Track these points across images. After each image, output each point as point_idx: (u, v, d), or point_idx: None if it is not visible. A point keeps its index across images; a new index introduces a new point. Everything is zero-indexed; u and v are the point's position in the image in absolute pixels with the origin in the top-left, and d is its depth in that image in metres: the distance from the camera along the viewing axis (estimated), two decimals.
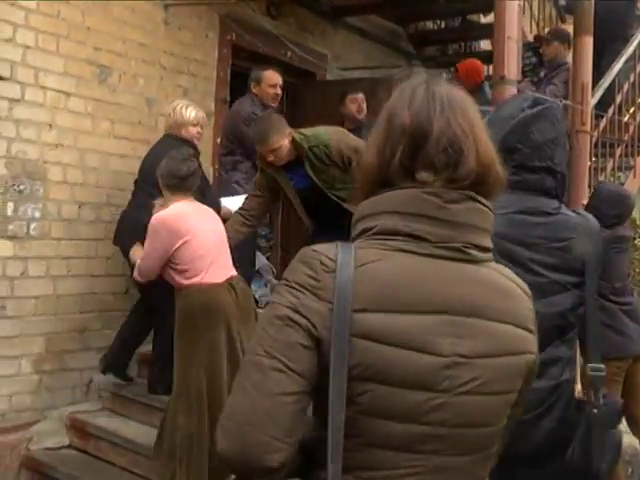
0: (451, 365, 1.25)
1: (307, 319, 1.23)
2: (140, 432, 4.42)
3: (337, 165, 4.21)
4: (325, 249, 1.30)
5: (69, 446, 4.60)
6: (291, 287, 1.26)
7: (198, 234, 3.72)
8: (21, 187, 4.53)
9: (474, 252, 1.30)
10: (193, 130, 4.63)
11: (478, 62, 6.06)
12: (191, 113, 4.61)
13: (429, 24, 7.95)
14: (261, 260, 6.35)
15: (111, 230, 4.87)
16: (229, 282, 3.78)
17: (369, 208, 1.35)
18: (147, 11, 5.21)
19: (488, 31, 7.47)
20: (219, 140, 5.57)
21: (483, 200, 1.31)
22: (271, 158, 4.17)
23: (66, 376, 4.77)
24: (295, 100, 6.59)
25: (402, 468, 1.26)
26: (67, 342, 4.78)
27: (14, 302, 4.51)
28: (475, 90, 5.97)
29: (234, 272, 3.87)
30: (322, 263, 1.27)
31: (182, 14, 5.48)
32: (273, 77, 5.38)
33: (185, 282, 3.69)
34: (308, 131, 4.26)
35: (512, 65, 4.43)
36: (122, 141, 5.09)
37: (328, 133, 4.27)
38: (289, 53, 6.41)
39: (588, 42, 5.46)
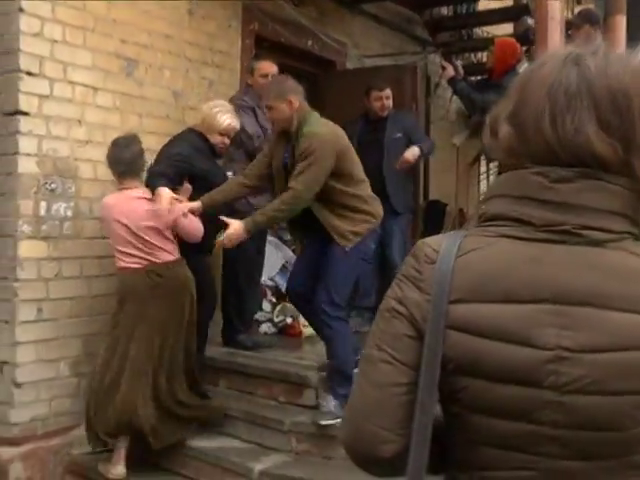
0: (555, 359, 1.14)
1: (409, 311, 1.21)
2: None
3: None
4: (433, 240, 1.28)
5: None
6: (399, 279, 1.27)
7: (106, 223, 4.32)
8: (53, 185, 4.40)
9: (592, 233, 1.17)
10: (218, 138, 4.57)
11: (515, 42, 5.91)
12: (224, 121, 4.54)
13: (444, 10, 7.82)
14: (286, 253, 6.25)
15: None
16: (148, 268, 4.18)
17: (486, 192, 1.31)
18: (172, 1, 5.08)
19: (502, 16, 7.45)
20: None
21: (609, 177, 1.17)
22: (269, 115, 4.26)
23: None
24: (316, 90, 6.47)
25: (517, 469, 1.18)
26: (101, 344, 4.66)
27: (50, 304, 4.39)
28: (507, 72, 5.87)
29: (158, 259, 4.21)
30: (426, 255, 1.24)
31: (206, 3, 5.34)
32: (264, 67, 5.18)
33: None
34: (321, 122, 4.15)
35: (554, 47, 4.33)
36: (150, 136, 4.95)
37: (324, 134, 4.05)
38: (310, 42, 6.29)
39: (621, 22, 5.37)
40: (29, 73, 4.28)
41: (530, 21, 6.22)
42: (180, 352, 4.27)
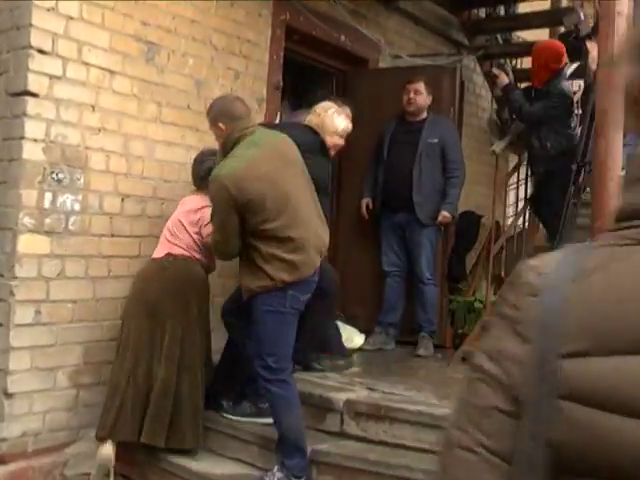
0: None
1: (505, 370, 0.84)
2: (195, 456, 3.89)
3: None
4: (540, 260, 0.86)
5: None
6: (492, 322, 0.90)
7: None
8: (60, 176, 3.99)
9: None
10: (335, 140, 4.45)
11: (557, 45, 5.50)
12: (341, 123, 4.47)
13: (482, 12, 7.40)
14: None
15: (156, 226, 4.36)
16: (164, 259, 4.08)
17: (626, 175, 0.89)
18: None
19: (541, 20, 7.02)
20: None
21: None
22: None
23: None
24: (347, 88, 6.05)
25: None
26: (107, 352, 4.23)
27: (50, 306, 3.98)
28: (552, 78, 5.46)
29: (173, 251, 4.08)
30: (527, 282, 0.84)
31: None
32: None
33: None
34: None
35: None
36: (169, 127, 4.56)
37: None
38: (343, 37, 5.87)
39: None
40: (40, 51, 3.89)
41: (581, 16, 5.80)
42: (190, 351, 4.01)
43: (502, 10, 7.23)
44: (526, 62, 7.49)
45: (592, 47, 5.20)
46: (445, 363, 5.25)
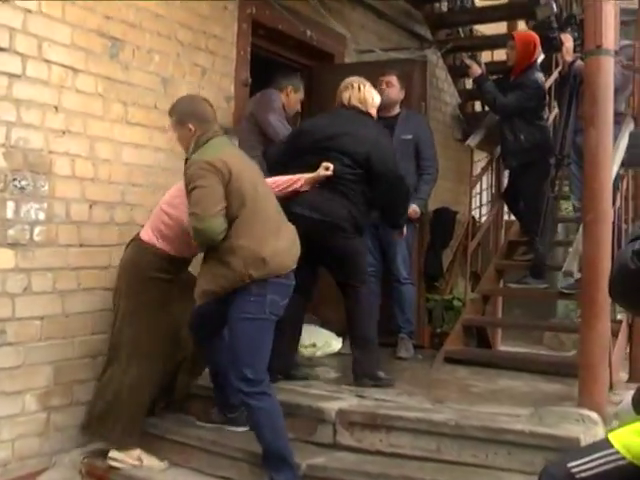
0: None
1: None
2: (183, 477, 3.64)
3: None
4: None
5: None
6: None
7: None
8: (23, 183, 3.69)
9: None
10: (374, 112, 4.52)
11: (535, 35, 5.40)
12: (376, 96, 4.53)
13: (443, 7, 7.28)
14: None
15: (125, 233, 4.11)
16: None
17: None
18: None
19: (504, 12, 6.93)
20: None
21: None
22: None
23: (79, 412, 3.93)
24: (313, 84, 5.85)
25: None
26: (79, 370, 3.96)
27: (16, 325, 3.67)
28: (526, 69, 5.36)
29: (141, 233, 3.91)
30: None
31: None
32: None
33: None
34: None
35: (609, 32, 3.77)
36: (136, 128, 4.29)
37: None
38: (309, 32, 5.67)
39: None
40: None
41: (554, 7, 5.71)
42: (138, 339, 3.79)
43: (459, 2, 7.12)
44: (488, 55, 7.45)
45: (566, 39, 5.12)
46: (427, 364, 5.11)
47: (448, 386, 4.44)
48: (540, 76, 5.40)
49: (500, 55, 6.33)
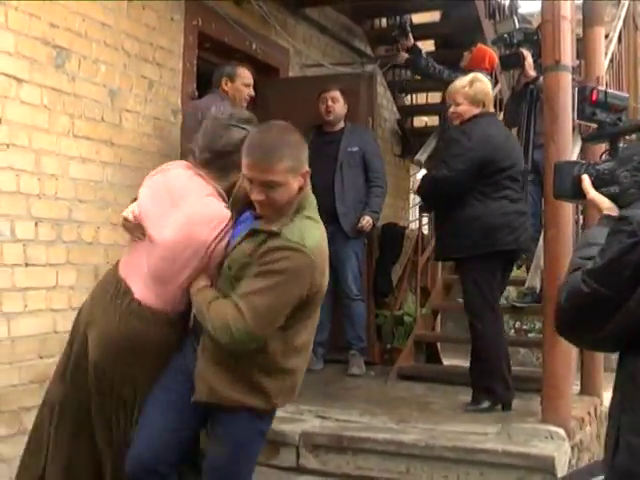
0: None
1: None
2: None
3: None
4: None
5: None
6: None
7: None
8: None
9: None
10: None
11: (492, 52, 5.47)
12: None
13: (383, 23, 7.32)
14: None
15: (72, 252, 3.92)
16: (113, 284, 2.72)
17: None
18: None
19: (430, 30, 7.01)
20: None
21: None
22: (257, 195, 2.41)
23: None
24: (261, 99, 5.74)
25: None
26: (25, 397, 3.72)
27: None
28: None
29: (127, 276, 2.69)
30: None
31: None
32: (249, 75, 4.67)
33: None
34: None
35: (566, 48, 3.82)
36: (83, 141, 4.09)
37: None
38: (254, 45, 5.58)
39: (599, 33, 4.98)
40: None
41: (516, 23, 5.77)
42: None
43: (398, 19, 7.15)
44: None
45: (527, 54, 5.17)
46: (381, 380, 5.06)
47: (408, 404, 4.38)
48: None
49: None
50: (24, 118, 3.75)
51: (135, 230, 2.70)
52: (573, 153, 4.75)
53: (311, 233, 2.41)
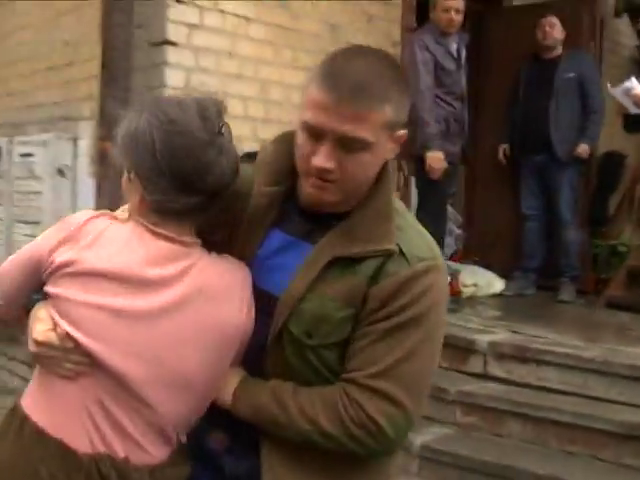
0: None
1: None
2: None
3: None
4: None
5: None
6: None
7: None
8: None
9: None
10: None
11: None
12: None
13: None
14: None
15: None
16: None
17: None
18: None
19: None
20: None
21: None
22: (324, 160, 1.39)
23: None
24: (481, 31, 5.85)
25: None
26: None
27: None
28: None
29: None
30: None
31: None
32: (449, 1, 4.67)
33: None
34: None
35: None
36: (304, 73, 4.55)
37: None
38: None
39: None
40: (179, 1, 3.95)
41: None
42: None
43: None
44: None
45: None
46: (589, 309, 5.08)
47: (605, 328, 4.42)
48: None
49: None
50: (252, 52, 4.28)
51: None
52: None
53: (428, 236, 1.52)
